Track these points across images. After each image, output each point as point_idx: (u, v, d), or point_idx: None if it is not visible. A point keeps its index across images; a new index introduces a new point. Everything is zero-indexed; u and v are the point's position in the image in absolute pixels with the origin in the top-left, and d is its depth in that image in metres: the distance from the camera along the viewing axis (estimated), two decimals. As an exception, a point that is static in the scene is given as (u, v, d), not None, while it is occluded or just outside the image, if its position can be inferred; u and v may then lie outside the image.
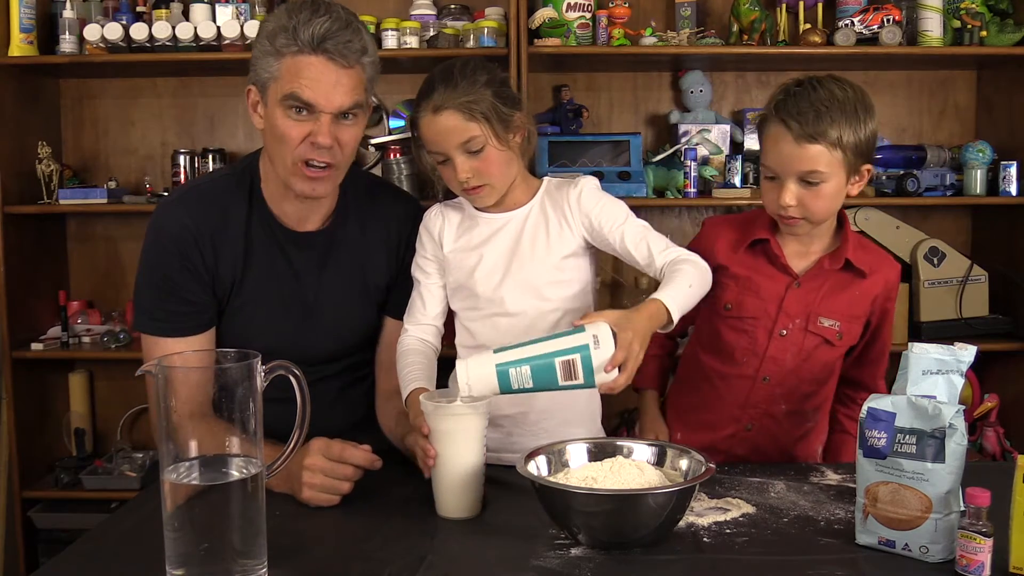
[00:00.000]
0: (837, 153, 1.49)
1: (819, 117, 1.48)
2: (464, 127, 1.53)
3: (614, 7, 2.65)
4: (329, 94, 1.49)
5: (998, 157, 2.70)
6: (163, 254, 1.58)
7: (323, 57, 1.48)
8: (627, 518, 1.20)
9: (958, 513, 1.14)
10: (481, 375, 1.32)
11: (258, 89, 1.53)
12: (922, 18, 2.62)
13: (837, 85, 1.52)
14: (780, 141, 1.52)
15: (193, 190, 1.68)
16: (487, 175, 1.57)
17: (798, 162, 1.50)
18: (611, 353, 1.31)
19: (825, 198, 1.52)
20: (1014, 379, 2.75)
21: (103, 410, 3.00)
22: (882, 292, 1.63)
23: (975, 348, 1.19)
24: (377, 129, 2.89)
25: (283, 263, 1.63)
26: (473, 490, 1.35)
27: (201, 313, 1.61)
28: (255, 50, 1.52)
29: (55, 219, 2.92)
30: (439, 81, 1.55)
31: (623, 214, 1.60)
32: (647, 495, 1.20)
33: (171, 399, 1.06)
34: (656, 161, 2.77)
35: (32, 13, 2.64)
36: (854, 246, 1.61)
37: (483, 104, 1.53)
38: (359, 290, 1.69)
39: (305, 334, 1.65)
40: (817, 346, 1.61)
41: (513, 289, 1.60)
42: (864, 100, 1.53)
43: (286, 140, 1.51)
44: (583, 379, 1.32)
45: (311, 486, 1.37)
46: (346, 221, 1.67)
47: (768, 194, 1.57)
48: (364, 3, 2.85)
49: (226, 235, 1.60)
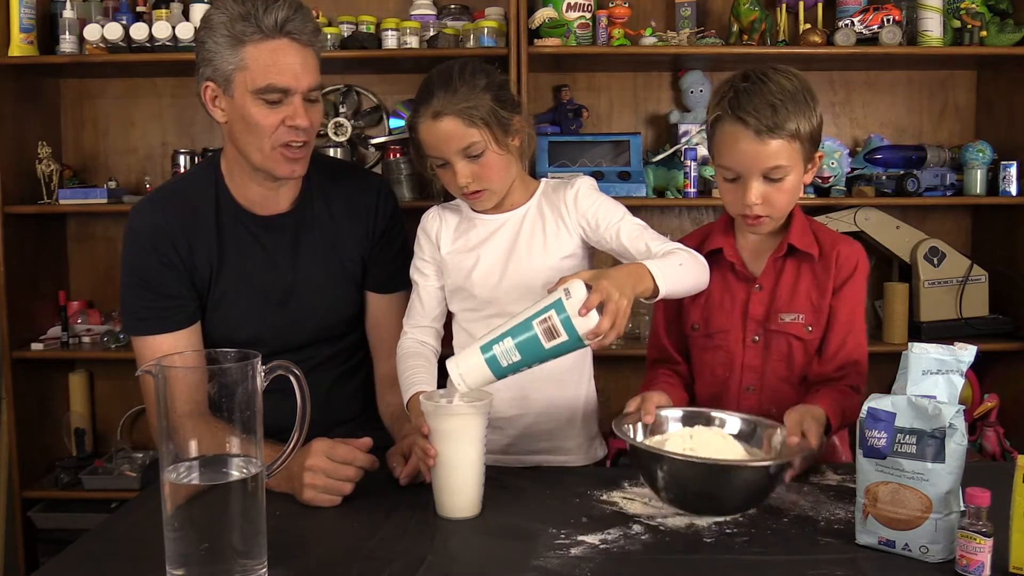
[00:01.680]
0: (796, 145, 1.48)
1: (775, 111, 1.46)
2: (464, 133, 1.53)
3: (614, 7, 2.65)
4: (298, 76, 1.54)
5: (998, 157, 2.70)
6: (140, 253, 1.63)
7: (287, 40, 1.53)
8: (718, 486, 1.28)
9: (958, 513, 1.14)
10: (471, 365, 1.31)
11: (217, 83, 1.56)
12: (922, 18, 2.62)
13: (783, 76, 1.51)
14: (739, 140, 1.48)
15: (161, 190, 1.74)
16: (487, 179, 1.57)
17: (761, 159, 1.48)
18: (584, 296, 1.27)
19: (787, 192, 1.51)
20: (1014, 379, 2.75)
21: (103, 410, 3.00)
22: (837, 269, 1.55)
23: (975, 348, 1.19)
24: (377, 129, 2.89)
25: (256, 249, 1.67)
26: (473, 490, 1.34)
27: (183, 307, 1.64)
28: (207, 43, 1.54)
29: (55, 219, 2.92)
30: (438, 86, 1.54)
31: (620, 212, 1.60)
32: (741, 467, 1.30)
33: (171, 399, 1.06)
34: (656, 161, 2.77)
35: (32, 13, 2.64)
36: (799, 231, 1.57)
37: (483, 109, 1.53)
38: (335, 267, 1.72)
39: (288, 317, 1.68)
40: (789, 344, 1.57)
41: (511, 290, 1.61)
42: (808, 88, 1.52)
43: (261, 128, 1.54)
44: (566, 335, 1.28)
45: (313, 487, 1.37)
46: (312, 201, 1.71)
47: (729, 195, 1.55)
48: (364, 3, 2.85)
49: (198, 229, 1.64)
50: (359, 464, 1.39)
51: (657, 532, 1.26)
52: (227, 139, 1.64)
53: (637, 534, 1.25)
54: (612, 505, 1.36)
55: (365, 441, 1.43)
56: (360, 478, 1.40)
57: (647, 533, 1.26)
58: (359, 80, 2.90)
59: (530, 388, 1.60)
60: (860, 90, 2.93)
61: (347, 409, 1.76)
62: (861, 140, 2.91)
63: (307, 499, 1.37)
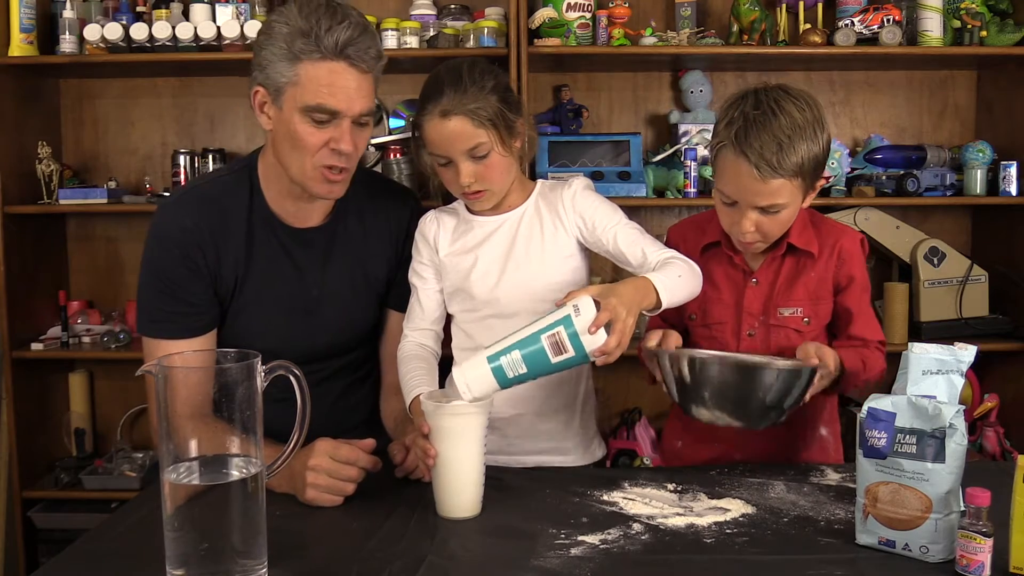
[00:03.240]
0: (797, 181, 1.49)
1: (781, 149, 1.45)
2: (472, 133, 1.53)
3: (614, 7, 2.65)
4: (351, 100, 1.49)
5: (998, 157, 2.70)
6: (165, 256, 1.58)
7: (344, 63, 1.47)
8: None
9: (958, 513, 1.14)
10: (477, 375, 1.32)
11: (268, 91, 1.51)
12: (922, 18, 2.62)
13: (796, 106, 1.48)
14: (741, 174, 1.48)
15: (193, 191, 1.67)
16: (489, 180, 1.57)
17: (762, 196, 1.49)
18: (593, 315, 1.30)
19: (782, 222, 1.53)
20: (1014, 379, 2.75)
21: (103, 410, 2.99)
22: (839, 261, 1.59)
23: (975, 348, 1.19)
24: (377, 129, 2.88)
25: (285, 261, 1.64)
26: (473, 490, 1.35)
27: (202, 314, 1.60)
28: (265, 51, 1.49)
29: (55, 219, 2.92)
30: (448, 84, 1.53)
31: (616, 216, 1.61)
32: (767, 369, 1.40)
33: (171, 399, 1.06)
34: (656, 161, 2.77)
35: (32, 13, 2.64)
36: (799, 228, 1.59)
37: (491, 111, 1.53)
38: (361, 284, 1.69)
39: (307, 330, 1.66)
40: (787, 337, 1.59)
41: (509, 291, 1.61)
42: (819, 116, 1.50)
43: (305, 147, 1.50)
44: (573, 351, 1.31)
45: (315, 486, 1.37)
46: (346, 216, 1.68)
47: (726, 217, 1.56)
48: (364, 3, 2.85)
49: (227, 235, 1.60)
50: (362, 465, 1.39)
51: (657, 532, 1.26)
52: (269, 145, 1.60)
53: (637, 534, 1.25)
54: (612, 505, 1.36)
55: (368, 442, 1.43)
56: (362, 479, 1.40)
57: (647, 533, 1.26)
58: (359, 80, 2.89)
59: (528, 388, 1.60)
60: (860, 90, 2.93)
61: (353, 417, 1.74)
62: (861, 140, 2.91)
63: (309, 499, 1.37)
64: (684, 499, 1.38)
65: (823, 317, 1.61)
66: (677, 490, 1.42)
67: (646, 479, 1.47)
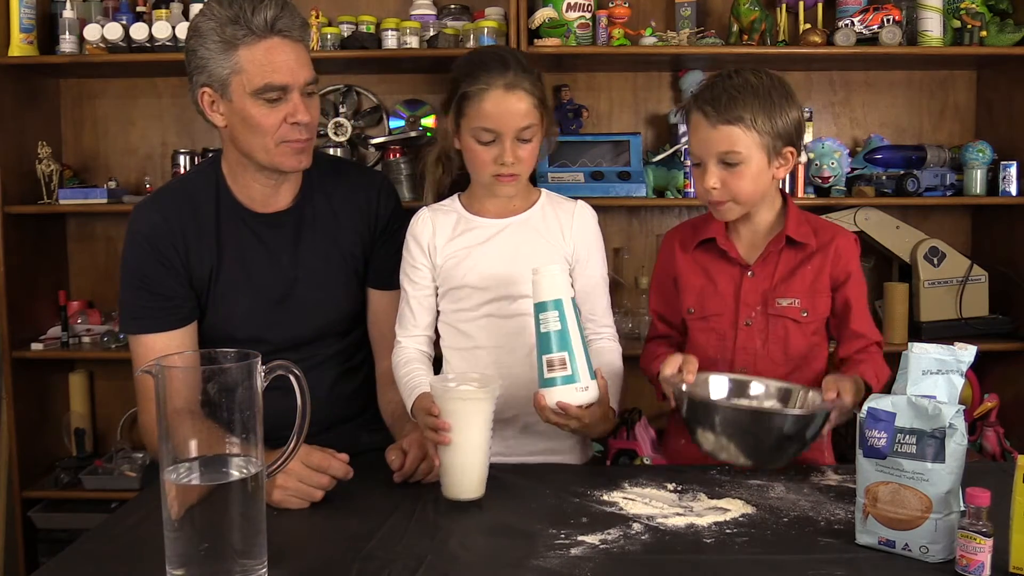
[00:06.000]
0: (752, 134, 1.54)
1: (732, 100, 1.54)
2: (531, 112, 1.57)
3: (614, 7, 2.65)
4: (295, 72, 1.55)
5: (998, 157, 2.70)
6: (139, 253, 1.63)
7: (278, 38, 1.53)
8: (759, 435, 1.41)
9: (958, 513, 1.14)
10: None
11: (214, 88, 1.56)
12: (922, 18, 2.62)
13: (753, 74, 1.58)
14: (699, 127, 1.58)
15: (164, 189, 1.74)
16: (527, 165, 1.61)
17: (715, 143, 1.55)
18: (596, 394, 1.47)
19: (747, 179, 1.57)
20: (1014, 379, 2.75)
21: (103, 410, 2.99)
22: (836, 258, 1.63)
23: (975, 348, 1.19)
24: (377, 129, 2.89)
25: (258, 247, 1.67)
26: (478, 472, 1.38)
27: (179, 308, 1.64)
28: (199, 51, 1.55)
29: (55, 219, 2.92)
30: (512, 61, 1.58)
31: (601, 266, 1.69)
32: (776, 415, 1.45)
33: (170, 399, 1.06)
34: (656, 161, 2.76)
35: (32, 13, 2.64)
36: (796, 223, 1.64)
37: (545, 98, 1.60)
38: (336, 263, 1.72)
39: (289, 314, 1.68)
40: (785, 327, 1.63)
41: (509, 291, 1.62)
42: (781, 88, 1.58)
43: (265, 128, 1.55)
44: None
45: (284, 488, 1.37)
46: (312, 197, 1.72)
47: (697, 182, 1.62)
48: (364, 3, 2.85)
49: (198, 229, 1.64)
50: (332, 473, 1.39)
51: (657, 532, 1.26)
52: (227, 142, 1.64)
53: (637, 534, 1.25)
54: (612, 505, 1.36)
55: (343, 456, 1.42)
56: (333, 487, 1.39)
57: (647, 533, 1.26)
58: (359, 80, 2.90)
59: (527, 388, 1.60)
60: (860, 90, 2.93)
61: (349, 407, 1.76)
62: (861, 140, 2.90)
63: (276, 500, 1.36)
64: (684, 499, 1.38)
65: (821, 311, 1.64)
66: (677, 490, 1.42)
67: (646, 479, 1.47)
